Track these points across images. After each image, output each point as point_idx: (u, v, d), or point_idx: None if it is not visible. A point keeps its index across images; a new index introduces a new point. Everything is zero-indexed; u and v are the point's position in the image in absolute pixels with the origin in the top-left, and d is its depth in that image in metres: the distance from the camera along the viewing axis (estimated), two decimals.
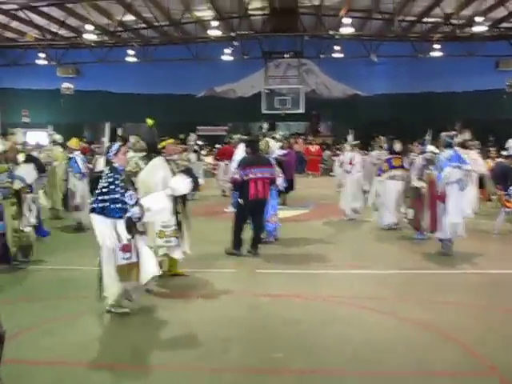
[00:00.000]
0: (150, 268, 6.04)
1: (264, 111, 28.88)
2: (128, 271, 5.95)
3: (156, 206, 6.27)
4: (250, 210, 8.95)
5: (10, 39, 27.80)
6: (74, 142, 12.85)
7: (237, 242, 8.94)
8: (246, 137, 17.81)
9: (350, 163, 12.71)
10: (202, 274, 7.79)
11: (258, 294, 6.90)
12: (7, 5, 22.68)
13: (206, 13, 26.34)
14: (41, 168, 10.01)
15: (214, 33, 25.34)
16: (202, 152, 24.04)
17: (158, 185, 7.13)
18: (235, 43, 28.19)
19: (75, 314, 6.21)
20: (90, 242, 6.28)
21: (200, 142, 25.09)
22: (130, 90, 30.54)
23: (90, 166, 13.08)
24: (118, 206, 5.86)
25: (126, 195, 5.90)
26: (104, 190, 5.93)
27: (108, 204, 5.86)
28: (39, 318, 6.07)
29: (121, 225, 5.89)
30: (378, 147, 14.60)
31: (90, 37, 25.79)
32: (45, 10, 23.88)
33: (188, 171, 7.59)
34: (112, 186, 5.91)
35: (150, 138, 8.76)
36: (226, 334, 5.54)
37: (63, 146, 14.61)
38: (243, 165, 8.97)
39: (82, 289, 6.93)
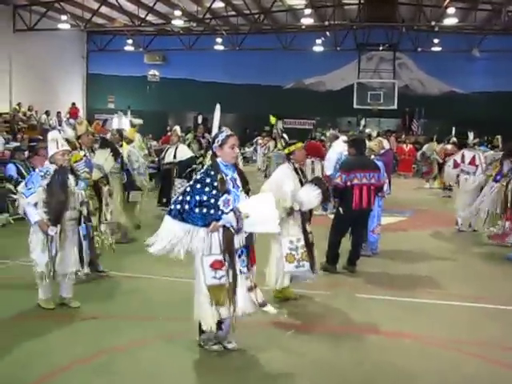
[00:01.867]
0: (248, 300, 4.78)
1: (356, 106, 27.48)
2: (223, 294, 4.72)
3: (258, 212, 4.68)
4: (351, 220, 7.72)
5: (99, 25, 27.72)
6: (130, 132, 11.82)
7: (333, 257, 7.75)
8: (338, 133, 16.73)
9: (473, 163, 10.93)
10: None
11: (363, 330, 5.71)
12: None
13: (298, 1, 25.22)
14: (116, 153, 9.10)
15: (306, 21, 24.19)
16: None
17: (286, 197, 6.10)
18: (328, 33, 26.93)
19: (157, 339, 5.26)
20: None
21: (285, 135, 24.07)
22: (217, 79, 29.77)
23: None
24: (204, 210, 4.59)
25: (220, 200, 4.61)
26: (188, 188, 4.71)
27: (190, 206, 4.60)
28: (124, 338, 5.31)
29: (210, 234, 4.65)
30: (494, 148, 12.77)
31: (178, 23, 25.23)
32: None
33: (318, 181, 6.45)
34: (203, 186, 4.64)
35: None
36: None
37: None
38: (347, 168, 7.72)
39: (172, 307, 6.05)
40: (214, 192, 4.62)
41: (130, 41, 29.68)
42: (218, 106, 5.09)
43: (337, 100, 28.59)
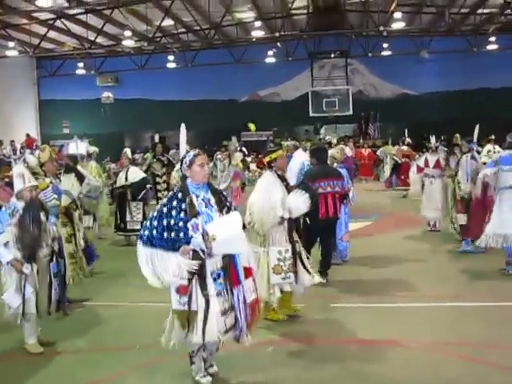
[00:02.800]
0: (213, 325, 4.49)
1: (312, 114, 27.69)
2: (185, 320, 4.52)
3: (224, 233, 4.46)
4: (319, 230, 7.63)
5: (48, 50, 27.32)
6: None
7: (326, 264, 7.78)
8: (293, 142, 16.77)
9: (437, 166, 11.05)
10: None
11: (342, 341, 5.69)
12: (43, 13, 22.02)
13: (247, 14, 25.35)
14: (81, 177, 8.94)
15: (256, 34, 24.34)
16: (248, 159, 23.04)
17: (277, 206, 5.96)
18: (279, 44, 27.12)
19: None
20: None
21: (244, 149, 24.13)
22: (171, 96, 29.66)
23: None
24: (173, 234, 4.44)
25: (189, 224, 4.44)
26: (155, 213, 4.55)
27: (159, 231, 4.46)
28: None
29: (176, 258, 4.44)
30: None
31: (128, 43, 25.07)
32: (82, 18, 23.19)
33: (304, 186, 6.38)
34: (170, 210, 4.49)
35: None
36: None
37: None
38: (310, 178, 7.63)
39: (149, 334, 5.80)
40: (182, 215, 4.49)
41: (80, 64, 29.32)
42: (183, 126, 4.98)
43: (292, 110, 28.75)
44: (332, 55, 28.87)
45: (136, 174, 11.65)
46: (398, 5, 22.26)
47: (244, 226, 4.90)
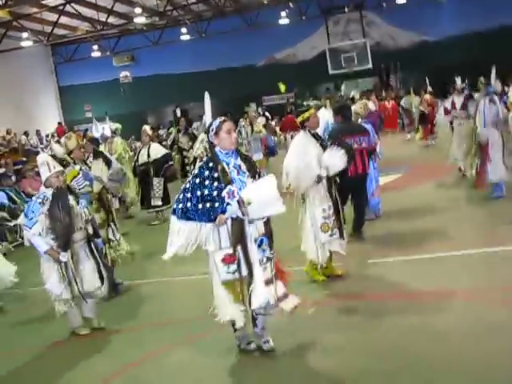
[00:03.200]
0: (267, 292, 4.45)
1: (331, 72, 27.36)
2: (238, 290, 4.50)
3: (259, 195, 4.36)
4: (349, 188, 7.54)
5: (61, 36, 27.34)
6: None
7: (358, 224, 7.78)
8: (315, 101, 16.66)
9: (464, 108, 10.57)
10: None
11: (383, 296, 5.70)
12: (54, 1, 22.02)
13: None
14: (109, 162, 8.99)
15: None
16: (272, 123, 22.94)
17: (312, 165, 5.90)
18: (291, 4, 26.70)
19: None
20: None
21: (267, 114, 23.99)
22: (188, 69, 29.47)
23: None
24: (208, 205, 4.35)
25: (224, 191, 4.34)
26: (187, 185, 4.47)
27: (193, 203, 4.38)
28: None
29: (218, 228, 4.42)
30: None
31: (140, 20, 24.97)
32: (91, 0, 23.12)
33: (339, 142, 6.31)
34: (202, 180, 4.40)
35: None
36: (360, 364, 4.39)
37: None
38: (336, 136, 7.54)
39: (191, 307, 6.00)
40: (216, 184, 4.38)
41: (95, 46, 29.34)
42: (207, 95, 4.89)
43: (311, 69, 28.36)
44: (346, 9, 28.35)
45: (158, 150, 11.66)
46: None
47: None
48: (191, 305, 6.15)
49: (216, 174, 4.42)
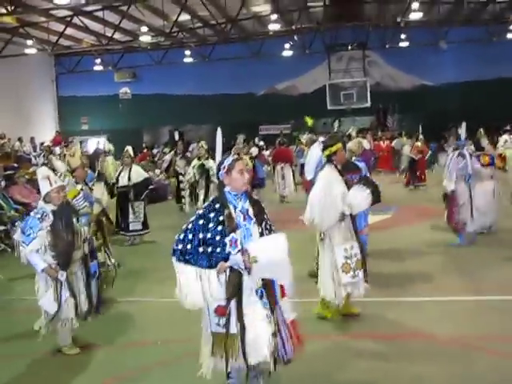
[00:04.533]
0: (261, 346, 4.05)
1: (330, 107, 27.62)
2: (226, 344, 4.08)
3: (267, 256, 3.98)
4: None
5: (66, 47, 27.49)
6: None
7: None
8: (323, 139, 16.69)
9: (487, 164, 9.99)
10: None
11: (364, 335, 5.68)
12: (60, 10, 22.14)
13: (263, 7, 25.29)
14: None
15: (273, 27, 24.26)
16: (266, 152, 22.98)
17: (337, 202, 5.73)
18: (295, 37, 27.03)
19: None
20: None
21: (261, 143, 24.07)
22: (189, 91, 29.71)
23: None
24: (209, 250, 4.01)
25: (226, 239, 3.99)
26: (190, 225, 4.10)
27: (193, 245, 4.03)
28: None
29: (214, 276, 4.04)
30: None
31: (145, 39, 25.16)
32: (99, 14, 23.33)
33: (366, 181, 6.11)
34: (206, 222, 4.06)
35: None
36: None
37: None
38: None
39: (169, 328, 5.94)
40: (220, 228, 4.05)
41: (98, 60, 29.52)
42: (219, 131, 4.63)
43: (310, 102, 28.61)
44: (349, 47, 28.82)
45: (139, 173, 11.42)
46: None
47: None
48: (174, 327, 6.11)
49: (221, 218, 4.09)
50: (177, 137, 16.22)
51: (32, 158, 23.73)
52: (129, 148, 12.02)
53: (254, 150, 16.34)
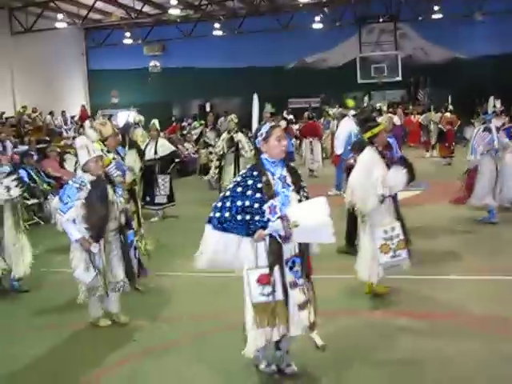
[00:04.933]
0: (303, 317, 4.13)
1: (360, 81, 27.28)
2: (270, 313, 4.04)
3: (309, 219, 3.97)
4: None
5: (95, 21, 27.53)
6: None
7: (353, 240, 7.66)
8: (354, 112, 16.49)
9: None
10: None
11: (397, 313, 5.67)
12: None
13: None
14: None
15: (303, 0, 23.92)
16: (295, 126, 22.87)
17: (378, 185, 5.71)
18: (326, 10, 26.64)
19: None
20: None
21: (291, 117, 23.94)
22: (218, 64, 29.54)
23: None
24: (248, 217, 3.99)
25: (265, 206, 3.98)
26: (228, 192, 4.12)
27: (232, 213, 4.02)
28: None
29: (256, 244, 4.05)
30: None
31: (175, 12, 25.06)
32: None
33: (403, 161, 6.13)
34: (245, 190, 4.04)
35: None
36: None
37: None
38: (359, 147, 7.53)
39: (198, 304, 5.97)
40: (258, 195, 4.02)
41: (127, 34, 29.51)
42: (255, 97, 4.54)
43: (341, 76, 28.28)
44: (380, 20, 28.25)
45: (165, 146, 11.35)
46: None
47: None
48: (202, 302, 6.20)
49: (259, 185, 4.07)
50: (208, 108, 16.08)
51: (63, 132, 24.04)
52: (155, 121, 11.84)
53: (283, 123, 16.23)
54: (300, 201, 4.17)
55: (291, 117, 24.26)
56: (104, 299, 5.66)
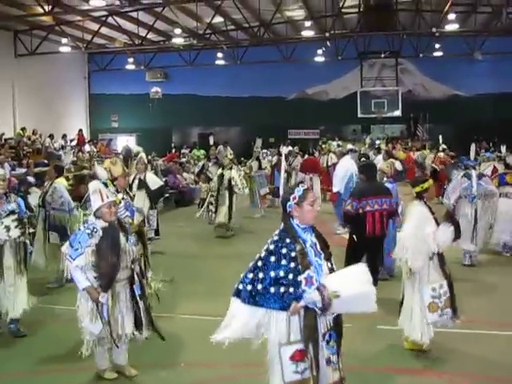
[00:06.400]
0: None
1: (360, 114, 27.47)
2: None
3: (350, 289, 3.77)
4: (365, 247, 7.53)
5: (99, 45, 27.73)
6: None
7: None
8: (351, 147, 16.52)
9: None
10: None
11: (389, 368, 5.59)
12: (97, 12, 22.43)
13: (297, 12, 25.24)
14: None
15: (306, 33, 24.14)
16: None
17: (429, 241, 5.60)
18: (328, 43, 26.88)
19: None
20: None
21: (285, 149, 23.81)
22: (219, 93, 29.79)
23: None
24: (282, 290, 3.72)
25: (301, 277, 3.72)
26: (259, 262, 3.83)
27: (264, 285, 3.75)
28: None
29: (285, 319, 3.77)
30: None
31: (178, 41, 25.28)
32: (133, 14, 23.50)
33: (450, 217, 6.09)
34: (279, 259, 3.77)
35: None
36: None
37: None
38: (358, 195, 7.59)
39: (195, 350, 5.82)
40: (292, 265, 3.75)
41: (130, 59, 29.67)
42: (284, 149, 4.50)
43: (341, 108, 28.53)
44: (382, 55, 28.54)
45: (153, 180, 10.77)
46: (453, 4, 21.71)
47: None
48: (199, 348, 6.04)
49: (293, 254, 3.78)
50: (211, 141, 15.98)
51: (62, 155, 24.02)
52: (142, 154, 11.39)
53: (254, 165, 16.01)
54: (332, 269, 3.95)
55: (287, 150, 24.04)
56: (112, 350, 5.43)
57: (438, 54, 27.24)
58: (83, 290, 5.14)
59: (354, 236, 7.66)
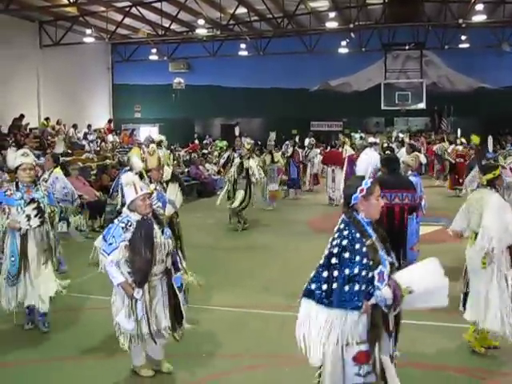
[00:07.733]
0: None
1: (384, 107, 27.21)
2: None
3: (423, 284, 3.60)
4: None
5: (123, 36, 27.79)
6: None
7: None
8: (373, 139, 16.36)
9: None
10: None
11: (411, 363, 5.52)
12: (121, 2, 22.48)
13: (321, 3, 25.01)
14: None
15: (330, 25, 23.95)
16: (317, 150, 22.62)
17: (509, 229, 5.52)
18: (352, 35, 26.65)
19: None
20: None
21: (307, 141, 23.69)
22: (242, 84, 29.72)
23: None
24: (356, 288, 3.52)
25: (374, 272, 3.55)
26: (333, 259, 3.61)
27: (339, 285, 3.55)
28: None
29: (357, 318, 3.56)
30: None
31: (201, 31, 25.24)
32: (157, 5, 23.52)
33: None
34: (353, 255, 3.57)
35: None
36: None
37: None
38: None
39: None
40: (365, 261, 3.55)
41: (154, 50, 29.73)
42: (368, 152, 4.30)
43: (364, 101, 28.25)
44: (406, 47, 28.17)
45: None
46: None
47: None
48: (222, 339, 6.10)
49: (365, 249, 3.59)
50: (237, 132, 15.88)
51: (85, 145, 24.18)
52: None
53: (268, 159, 16.04)
54: (392, 263, 3.76)
55: (308, 141, 23.78)
56: (147, 345, 5.31)
57: (464, 45, 26.80)
58: (118, 285, 5.02)
59: None
